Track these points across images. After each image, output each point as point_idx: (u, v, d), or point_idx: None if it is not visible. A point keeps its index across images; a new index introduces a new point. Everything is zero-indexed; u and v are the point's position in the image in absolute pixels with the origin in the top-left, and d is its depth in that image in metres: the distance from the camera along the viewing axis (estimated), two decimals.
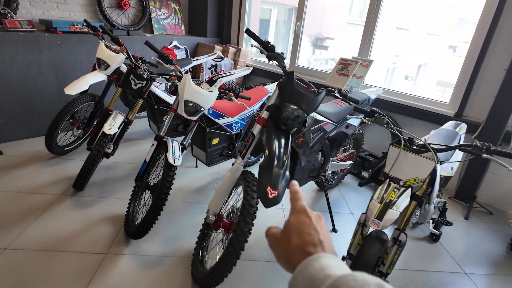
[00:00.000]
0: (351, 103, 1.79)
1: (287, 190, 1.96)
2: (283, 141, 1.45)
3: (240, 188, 1.64)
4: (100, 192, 2.25)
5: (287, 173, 1.37)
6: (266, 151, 1.38)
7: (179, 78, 1.85)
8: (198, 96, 1.75)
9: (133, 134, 3.31)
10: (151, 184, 1.87)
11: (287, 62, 4.00)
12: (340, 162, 2.25)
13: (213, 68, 3.82)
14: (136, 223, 1.83)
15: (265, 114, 1.53)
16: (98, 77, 2.44)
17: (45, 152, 2.71)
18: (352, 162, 2.42)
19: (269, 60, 1.54)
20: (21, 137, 2.89)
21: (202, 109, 1.80)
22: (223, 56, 3.77)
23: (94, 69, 2.54)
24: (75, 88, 2.30)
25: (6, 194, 2.12)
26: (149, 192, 1.88)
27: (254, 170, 2.84)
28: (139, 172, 1.87)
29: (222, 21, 4.16)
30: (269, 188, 1.28)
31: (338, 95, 1.61)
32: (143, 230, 1.70)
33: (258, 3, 4.20)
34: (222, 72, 3.91)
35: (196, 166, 2.78)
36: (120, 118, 2.15)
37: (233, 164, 1.58)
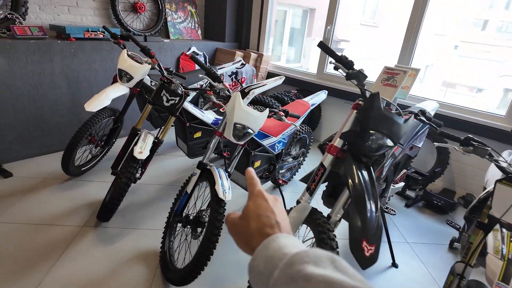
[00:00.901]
0: (433, 125, 1.51)
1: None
2: (367, 177, 1.20)
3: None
4: (126, 222, 1.99)
5: (381, 219, 1.13)
6: (351, 191, 1.14)
7: (227, 98, 1.60)
8: (249, 117, 1.50)
9: None
10: (191, 217, 1.61)
11: (311, 67, 3.76)
12: (396, 186, 2.01)
13: (233, 76, 3.57)
14: (176, 265, 1.58)
15: (338, 143, 1.29)
16: (120, 90, 2.19)
17: (59, 173, 2.45)
18: (404, 183, 2.19)
19: (348, 79, 1.30)
20: (30, 155, 2.62)
21: (252, 132, 1.55)
22: (244, 63, 3.52)
23: (114, 80, 2.29)
24: (95, 104, 2.04)
25: (21, 226, 1.86)
26: (189, 227, 1.62)
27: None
28: (178, 205, 1.62)
29: (241, 25, 3.91)
30: (365, 243, 1.04)
31: (423, 118, 1.37)
32: (189, 277, 1.45)
33: (275, 4, 3.95)
34: (243, 80, 3.68)
35: None
36: (150, 139, 1.89)
37: (298, 203, 1.34)
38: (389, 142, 1.20)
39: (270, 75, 3.83)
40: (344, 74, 1.30)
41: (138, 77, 2.20)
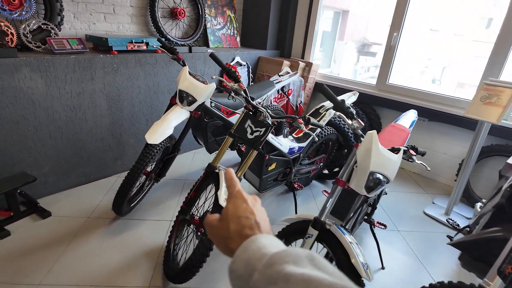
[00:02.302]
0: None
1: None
2: None
3: None
4: (201, 281, 1.64)
5: None
6: None
7: (356, 137, 1.23)
8: (388, 164, 1.15)
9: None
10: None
11: (370, 79, 3.40)
12: None
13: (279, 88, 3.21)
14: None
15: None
16: (182, 115, 1.85)
17: (103, 209, 2.09)
18: None
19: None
20: (66, 187, 2.27)
21: (387, 181, 1.20)
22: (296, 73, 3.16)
23: (172, 102, 1.93)
24: (158, 135, 1.69)
25: None
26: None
27: None
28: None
29: (283, 31, 3.55)
30: None
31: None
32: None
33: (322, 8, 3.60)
34: (290, 92, 3.33)
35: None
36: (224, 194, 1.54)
37: None
38: None
39: (318, 85, 3.47)
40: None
41: (202, 99, 1.85)
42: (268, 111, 1.52)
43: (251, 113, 1.54)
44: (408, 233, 2.16)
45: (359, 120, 1.16)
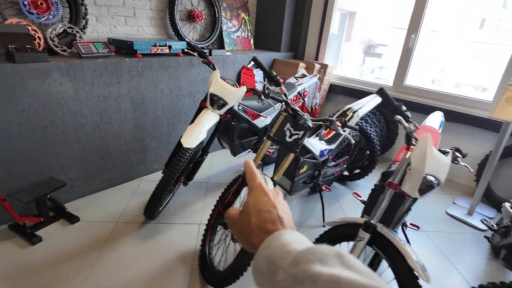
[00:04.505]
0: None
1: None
2: None
3: None
4: (242, 282, 1.63)
5: None
6: None
7: (408, 140, 1.23)
8: (441, 167, 1.16)
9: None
10: None
11: (385, 80, 3.42)
12: None
13: None
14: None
15: None
16: (213, 119, 1.85)
17: (132, 213, 2.08)
18: None
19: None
20: (90, 192, 2.25)
21: (438, 184, 1.21)
22: (317, 75, 3.17)
23: (202, 106, 1.93)
24: (194, 139, 1.70)
25: None
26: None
27: None
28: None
29: (297, 33, 3.57)
30: None
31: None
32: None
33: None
34: (306, 93, 3.34)
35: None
36: (270, 183, 1.54)
37: None
38: None
39: (332, 87, 3.49)
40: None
41: (232, 103, 1.85)
42: (307, 115, 1.53)
43: (291, 116, 1.54)
44: (434, 233, 2.17)
45: (415, 123, 1.17)
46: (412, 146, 1.20)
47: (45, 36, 1.97)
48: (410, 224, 1.80)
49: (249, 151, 2.47)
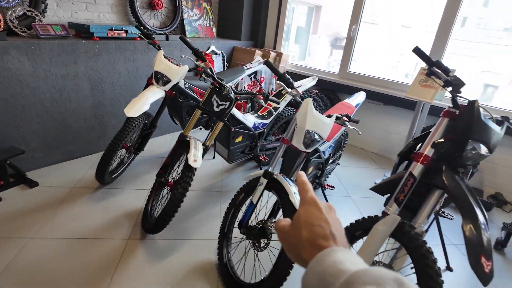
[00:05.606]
0: None
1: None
2: (466, 187, 1.18)
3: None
4: (175, 233, 1.90)
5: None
6: (459, 204, 1.11)
7: (297, 104, 1.53)
8: (320, 124, 1.45)
9: None
10: (257, 229, 1.56)
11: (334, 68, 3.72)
12: None
13: (252, 75, 3.49)
14: (242, 278, 1.54)
15: (429, 151, 1.26)
16: (157, 94, 2.09)
17: (87, 181, 2.32)
18: None
19: (445, 87, 1.26)
20: (52, 162, 2.47)
21: (321, 140, 1.50)
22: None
23: (149, 83, 2.17)
24: (136, 109, 1.93)
25: (65, 242, 1.74)
26: (251, 239, 1.57)
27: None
28: (244, 216, 1.55)
29: (257, 23, 3.82)
30: (483, 259, 1.01)
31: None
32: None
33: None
34: (262, 79, 3.60)
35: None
36: (200, 146, 1.80)
37: (384, 214, 1.30)
38: (484, 151, 1.18)
39: (288, 74, 3.77)
40: (442, 81, 1.26)
41: (176, 79, 2.10)
42: (232, 87, 1.80)
43: (217, 89, 1.81)
44: (359, 198, 2.49)
45: (297, 89, 1.45)
46: (298, 109, 1.48)
47: (5, 19, 2.17)
48: (327, 185, 2.10)
49: (200, 128, 2.73)
